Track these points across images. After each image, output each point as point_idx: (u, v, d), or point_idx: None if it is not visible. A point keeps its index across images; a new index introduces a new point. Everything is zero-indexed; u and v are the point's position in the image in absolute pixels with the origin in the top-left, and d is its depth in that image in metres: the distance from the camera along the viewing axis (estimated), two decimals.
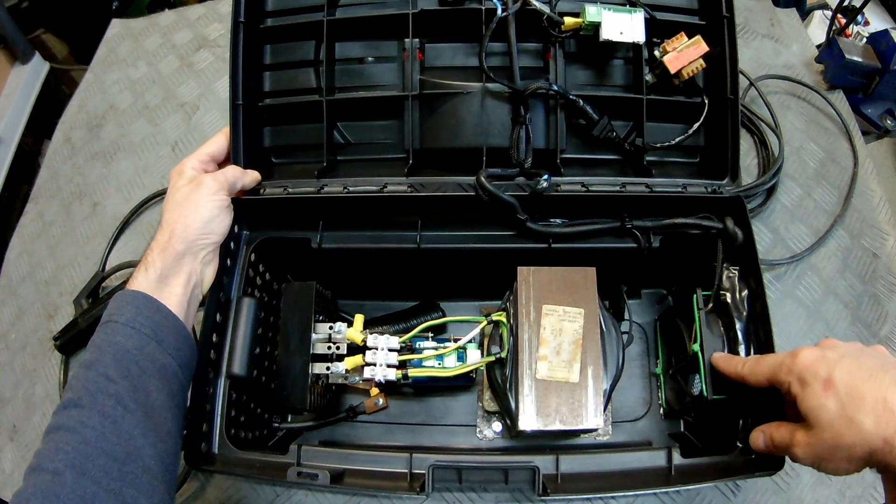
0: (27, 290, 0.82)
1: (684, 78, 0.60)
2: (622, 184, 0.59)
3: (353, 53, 0.65)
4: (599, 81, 0.64)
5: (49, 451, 0.40)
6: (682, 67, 0.59)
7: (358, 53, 0.65)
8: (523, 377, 0.51)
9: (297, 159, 0.65)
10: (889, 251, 0.73)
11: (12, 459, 0.71)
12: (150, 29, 1.00)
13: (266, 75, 0.65)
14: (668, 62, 0.59)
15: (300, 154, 0.65)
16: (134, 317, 0.46)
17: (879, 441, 0.38)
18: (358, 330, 0.59)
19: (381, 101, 0.63)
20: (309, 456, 0.51)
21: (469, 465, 0.50)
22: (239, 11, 0.60)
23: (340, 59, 0.64)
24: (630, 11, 0.57)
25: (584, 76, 0.64)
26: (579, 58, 0.63)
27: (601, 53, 0.63)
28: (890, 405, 0.38)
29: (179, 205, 0.53)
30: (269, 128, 0.65)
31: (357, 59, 0.64)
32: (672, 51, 0.59)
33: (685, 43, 0.60)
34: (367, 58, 0.64)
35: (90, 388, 0.43)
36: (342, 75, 0.64)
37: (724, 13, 0.60)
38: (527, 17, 0.58)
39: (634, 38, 0.57)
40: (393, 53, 0.64)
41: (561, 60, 0.61)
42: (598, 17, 0.55)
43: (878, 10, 1.24)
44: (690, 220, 0.57)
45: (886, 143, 0.99)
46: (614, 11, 0.56)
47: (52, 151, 0.93)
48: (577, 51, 0.63)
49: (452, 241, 0.59)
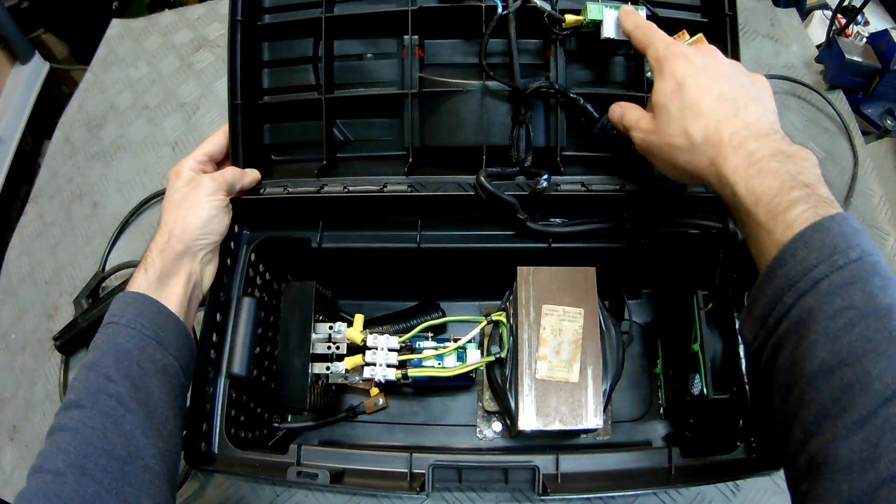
0: (27, 290, 0.82)
1: None
2: (622, 184, 0.59)
3: (352, 50, 0.64)
4: (600, 80, 0.63)
5: (51, 452, 0.40)
6: None
7: (357, 50, 0.64)
8: (523, 377, 0.51)
9: (296, 157, 0.65)
10: (889, 251, 0.73)
11: (12, 459, 0.71)
12: (150, 29, 1.00)
13: (265, 73, 0.65)
14: None
15: (300, 151, 0.65)
16: (135, 318, 0.47)
17: (705, 161, 0.40)
18: (358, 330, 0.59)
19: (381, 98, 0.62)
20: (309, 455, 0.51)
21: (469, 465, 0.50)
22: (236, 10, 0.60)
23: (339, 55, 0.64)
24: None
25: (584, 74, 0.63)
26: (580, 56, 0.63)
27: (602, 51, 0.63)
28: (721, 131, 0.40)
29: (178, 205, 0.53)
30: (268, 125, 0.65)
31: (356, 56, 0.64)
32: None
33: (687, 41, 0.59)
34: (367, 54, 0.64)
35: (91, 389, 0.43)
36: (341, 72, 0.64)
37: (726, 11, 0.59)
38: (527, 14, 0.57)
39: None
40: (392, 50, 0.63)
41: (562, 58, 0.60)
42: (600, 14, 0.55)
43: (878, 10, 1.24)
44: (690, 220, 0.57)
45: (886, 143, 0.99)
46: (616, 9, 0.55)
47: (52, 151, 0.93)
48: (578, 49, 0.62)
49: (452, 240, 0.59)
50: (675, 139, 0.43)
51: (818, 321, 0.33)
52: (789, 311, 0.35)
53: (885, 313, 0.32)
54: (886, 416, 0.30)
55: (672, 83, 0.43)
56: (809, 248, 0.35)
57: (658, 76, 0.45)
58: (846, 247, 0.34)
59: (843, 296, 0.33)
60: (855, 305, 0.33)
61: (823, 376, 0.33)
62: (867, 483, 0.29)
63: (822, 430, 0.32)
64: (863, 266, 0.34)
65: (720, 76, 0.43)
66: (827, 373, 0.33)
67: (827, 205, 0.37)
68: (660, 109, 0.44)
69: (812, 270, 0.34)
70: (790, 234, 0.36)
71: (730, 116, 0.41)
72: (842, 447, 0.31)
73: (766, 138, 0.40)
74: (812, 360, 0.33)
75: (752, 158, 0.39)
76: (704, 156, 0.41)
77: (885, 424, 0.30)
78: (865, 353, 0.32)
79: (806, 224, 0.35)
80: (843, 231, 0.35)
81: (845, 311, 0.33)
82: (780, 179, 0.38)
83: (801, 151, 0.39)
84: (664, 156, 0.44)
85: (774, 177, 0.38)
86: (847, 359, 0.32)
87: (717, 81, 0.42)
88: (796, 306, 0.35)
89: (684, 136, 0.42)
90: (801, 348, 0.34)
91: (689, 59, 0.44)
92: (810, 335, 0.34)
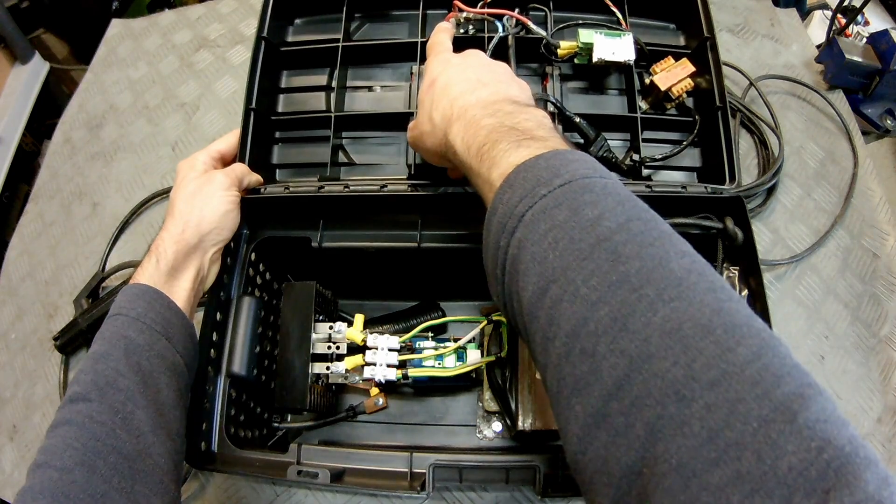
0: (27, 290, 0.82)
1: (675, 96, 0.64)
2: (622, 184, 0.59)
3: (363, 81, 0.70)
4: (595, 103, 0.68)
5: (56, 447, 0.39)
6: (672, 85, 0.63)
7: (368, 82, 0.70)
8: (523, 377, 0.51)
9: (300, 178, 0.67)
10: (889, 251, 0.73)
11: (12, 459, 0.71)
12: (150, 29, 1.00)
13: (280, 97, 0.70)
14: (658, 81, 0.64)
15: (304, 174, 0.68)
16: (145, 312, 0.46)
17: (441, 135, 0.43)
18: (358, 330, 0.59)
19: (388, 117, 0.66)
20: (309, 455, 0.51)
21: (470, 465, 0.50)
22: (263, 27, 0.65)
23: (351, 87, 0.70)
24: (620, 35, 0.61)
25: (580, 100, 0.68)
26: (575, 80, 0.69)
27: (596, 76, 0.69)
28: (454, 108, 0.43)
29: (192, 195, 0.52)
30: (276, 146, 0.68)
31: (366, 88, 0.70)
32: (661, 71, 0.64)
33: (672, 64, 0.65)
34: (376, 87, 0.70)
35: (99, 383, 0.41)
36: (351, 100, 0.70)
37: (705, 34, 0.64)
38: (526, 43, 0.63)
39: (625, 58, 0.60)
40: (400, 82, 0.69)
41: (558, 83, 0.65)
42: (591, 38, 0.60)
43: (878, 10, 1.24)
44: (690, 219, 0.57)
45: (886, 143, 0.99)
46: (606, 35, 0.61)
47: (52, 151, 0.93)
48: (573, 74, 0.68)
49: (453, 240, 0.59)
50: (424, 126, 0.46)
51: (526, 249, 0.32)
52: (506, 254, 0.34)
53: (590, 223, 0.31)
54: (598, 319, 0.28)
55: (428, 80, 0.47)
56: (514, 188, 0.34)
57: (422, 79, 0.48)
58: (551, 176, 0.33)
59: (546, 220, 0.32)
60: (558, 224, 0.32)
61: (536, 300, 0.31)
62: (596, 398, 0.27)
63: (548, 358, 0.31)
64: (571, 188, 0.33)
65: (468, 67, 0.46)
66: (539, 295, 0.31)
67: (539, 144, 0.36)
68: (419, 106, 0.47)
69: (517, 206, 0.34)
70: (496, 173, 0.36)
71: (465, 94, 0.43)
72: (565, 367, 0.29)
73: (491, 105, 0.41)
74: (527, 291, 0.32)
75: (472, 121, 0.40)
76: (441, 131, 0.43)
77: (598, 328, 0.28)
78: (569, 264, 0.30)
79: (510, 166, 0.35)
80: (550, 164, 0.34)
81: (549, 232, 0.32)
82: (488, 129, 0.39)
83: (527, 110, 0.40)
84: (420, 144, 0.48)
85: (485, 129, 0.39)
86: (553, 275, 0.31)
87: (465, 71, 0.45)
88: (510, 245, 0.34)
89: (430, 122, 0.45)
90: (519, 283, 0.33)
91: (446, 60, 0.47)
92: (521, 266, 0.33)
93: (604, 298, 0.28)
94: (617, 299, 0.28)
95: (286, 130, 0.68)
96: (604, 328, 0.28)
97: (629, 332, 0.27)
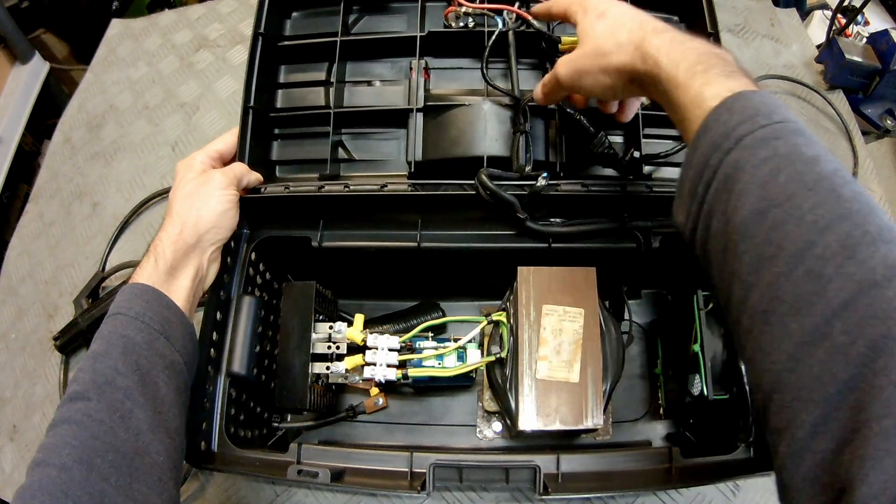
0: (27, 290, 0.82)
1: None
2: (622, 184, 0.59)
3: (362, 77, 0.69)
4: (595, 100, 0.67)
5: (55, 445, 0.39)
6: None
7: (367, 77, 0.69)
8: (523, 377, 0.51)
9: (300, 174, 0.67)
10: None
11: (12, 459, 0.71)
12: (150, 29, 1.00)
13: (279, 93, 0.69)
14: None
15: (304, 170, 0.67)
16: (144, 311, 0.46)
17: (631, 49, 0.43)
18: (358, 330, 0.59)
19: (387, 113, 0.65)
20: (309, 454, 0.51)
21: (470, 465, 0.50)
22: (260, 24, 0.64)
23: (350, 80, 0.69)
24: None
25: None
26: None
27: None
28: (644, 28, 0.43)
29: (190, 196, 0.53)
30: (276, 142, 0.68)
31: (366, 82, 0.69)
32: None
33: None
34: (376, 81, 0.69)
35: (98, 382, 0.42)
36: (350, 95, 0.68)
37: (709, 30, 0.63)
38: (527, 38, 0.62)
39: None
40: (400, 77, 0.68)
41: None
42: None
43: (878, 10, 1.23)
44: None
45: (886, 143, 0.99)
46: None
47: (52, 151, 0.93)
48: None
49: (452, 240, 0.59)
50: (604, 45, 0.45)
51: (744, 171, 0.34)
52: (716, 172, 0.35)
53: (810, 160, 0.32)
54: (826, 244, 0.29)
55: (595, 14, 0.47)
56: (732, 111, 0.35)
57: (582, 18, 0.48)
58: (768, 111, 0.35)
59: (767, 147, 0.33)
60: (780, 154, 0.33)
61: (754, 220, 0.32)
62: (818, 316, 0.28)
63: (761, 277, 0.31)
64: (786, 126, 0.34)
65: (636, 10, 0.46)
66: (758, 216, 0.32)
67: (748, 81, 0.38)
68: (586, 35, 0.47)
69: (736, 129, 0.35)
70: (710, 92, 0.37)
71: (652, 20, 0.44)
72: (784, 285, 0.30)
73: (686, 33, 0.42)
74: (742, 210, 0.33)
75: (677, 40, 0.41)
76: (631, 45, 0.43)
77: (826, 253, 0.29)
78: (794, 192, 0.31)
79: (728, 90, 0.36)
80: (765, 101, 0.35)
81: (770, 159, 0.33)
82: (699, 52, 0.40)
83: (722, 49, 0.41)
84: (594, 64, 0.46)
85: (695, 51, 0.40)
86: (776, 199, 0.32)
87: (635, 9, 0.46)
88: (723, 164, 0.35)
89: (612, 40, 0.44)
90: (731, 202, 0.34)
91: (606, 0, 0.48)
92: (737, 186, 0.34)
93: (831, 227, 0.30)
94: (843, 230, 0.29)
95: (285, 127, 0.67)
96: (832, 253, 0.29)
97: (856, 260, 0.28)
